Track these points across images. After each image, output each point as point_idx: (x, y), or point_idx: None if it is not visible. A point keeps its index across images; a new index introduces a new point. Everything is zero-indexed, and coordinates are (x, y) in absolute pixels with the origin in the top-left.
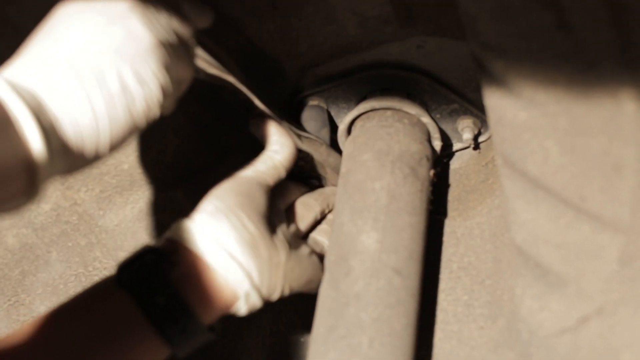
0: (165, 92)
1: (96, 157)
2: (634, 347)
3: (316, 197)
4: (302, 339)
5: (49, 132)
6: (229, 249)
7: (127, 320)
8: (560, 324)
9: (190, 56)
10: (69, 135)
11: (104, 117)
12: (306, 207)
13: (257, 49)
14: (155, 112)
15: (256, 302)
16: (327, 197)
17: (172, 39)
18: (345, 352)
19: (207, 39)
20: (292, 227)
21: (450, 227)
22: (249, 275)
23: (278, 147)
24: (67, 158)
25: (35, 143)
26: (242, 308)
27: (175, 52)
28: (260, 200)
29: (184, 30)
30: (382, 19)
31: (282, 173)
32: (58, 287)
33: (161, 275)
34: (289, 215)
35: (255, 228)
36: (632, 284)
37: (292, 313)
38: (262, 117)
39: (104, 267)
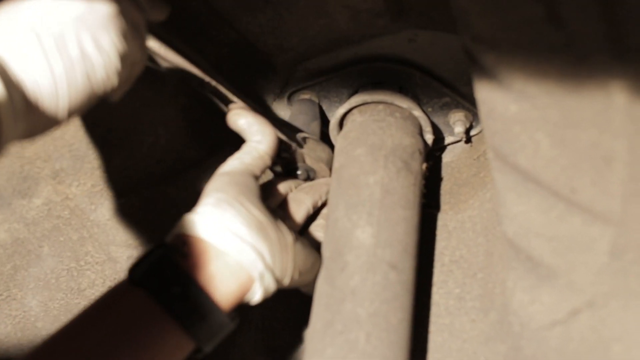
0: (123, 62)
1: (55, 121)
2: (624, 339)
3: (307, 191)
4: (295, 335)
5: (11, 88)
6: (238, 232)
7: (144, 315)
8: (551, 317)
9: (143, 40)
10: (30, 96)
11: (62, 81)
12: (297, 203)
13: (249, 42)
14: (113, 81)
15: (270, 284)
16: (318, 189)
17: (129, 17)
18: (343, 347)
19: (166, 32)
20: (287, 223)
21: (442, 221)
22: (261, 256)
23: (260, 137)
24: (28, 118)
25: None
26: (257, 292)
27: (131, 31)
28: (257, 190)
29: (138, 16)
30: (374, 12)
31: (268, 162)
32: (50, 281)
33: (173, 267)
34: (281, 212)
35: (260, 213)
36: (622, 277)
37: (284, 309)
38: (239, 110)
39: (96, 261)
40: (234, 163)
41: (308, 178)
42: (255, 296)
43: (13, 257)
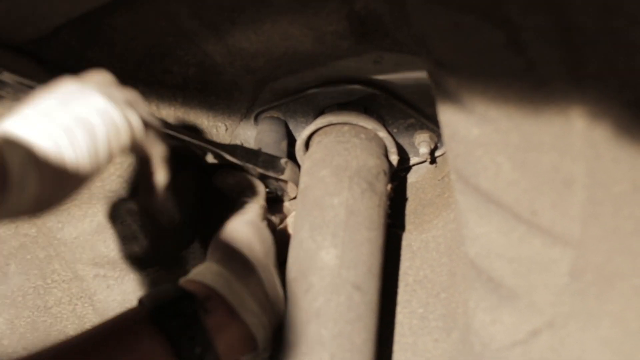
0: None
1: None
2: (583, 359)
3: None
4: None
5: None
6: (260, 300)
7: None
8: (511, 337)
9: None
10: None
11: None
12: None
13: (215, 63)
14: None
15: (266, 352)
16: None
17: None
18: None
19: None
20: None
21: (407, 241)
22: (272, 330)
23: (255, 189)
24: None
25: None
26: (251, 356)
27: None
28: (273, 243)
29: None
30: (339, 34)
31: (265, 208)
32: (17, 299)
33: (198, 324)
34: None
35: (280, 285)
36: (581, 297)
37: None
38: (226, 170)
39: (63, 279)
40: (250, 213)
41: (277, 197)
42: (246, 357)
43: None
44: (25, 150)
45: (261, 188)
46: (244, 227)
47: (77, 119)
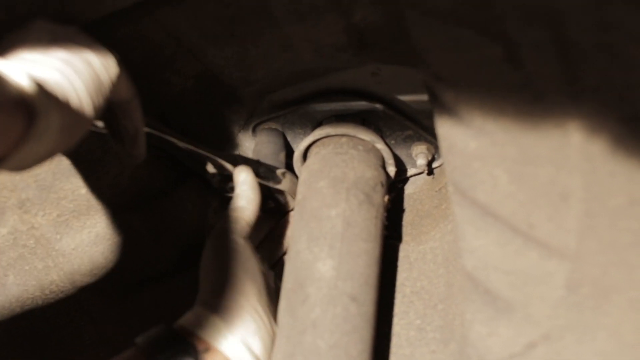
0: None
1: (83, 117)
2: None
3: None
4: None
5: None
6: (255, 352)
7: None
8: (508, 350)
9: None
10: (52, 88)
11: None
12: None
13: (214, 74)
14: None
15: None
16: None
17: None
18: None
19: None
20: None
21: (404, 252)
22: None
23: (244, 203)
24: (60, 112)
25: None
26: None
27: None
28: (260, 273)
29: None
30: (337, 46)
31: (253, 225)
32: (15, 310)
33: None
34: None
35: (273, 323)
36: (578, 310)
37: None
38: (245, 169)
39: (61, 290)
40: (234, 233)
41: (274, 208)
42: None
43: None
44: (42, 87)
45: (254, 205)
46: (232, 262)
47: (72, 52)
